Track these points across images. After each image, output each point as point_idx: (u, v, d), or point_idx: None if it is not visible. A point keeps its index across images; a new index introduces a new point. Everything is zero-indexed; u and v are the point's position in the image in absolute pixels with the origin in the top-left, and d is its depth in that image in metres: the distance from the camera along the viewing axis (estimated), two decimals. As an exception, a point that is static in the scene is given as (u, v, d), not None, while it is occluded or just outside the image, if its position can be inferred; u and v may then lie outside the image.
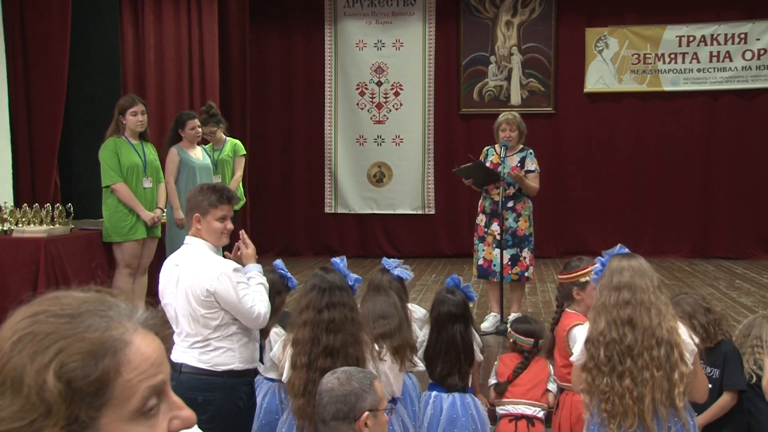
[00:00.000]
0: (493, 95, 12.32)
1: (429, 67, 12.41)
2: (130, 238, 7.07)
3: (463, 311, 4.73)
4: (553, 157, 11.96)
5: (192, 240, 4.06)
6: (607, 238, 11.35)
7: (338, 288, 3.94)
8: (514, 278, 7.37)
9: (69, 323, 1.19)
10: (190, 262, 3.97)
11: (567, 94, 12.20)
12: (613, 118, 12.12)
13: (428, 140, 12.44)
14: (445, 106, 12.46)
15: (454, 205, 12.35)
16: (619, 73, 12.06)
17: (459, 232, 12.26)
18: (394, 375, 4.18)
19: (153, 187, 7.24)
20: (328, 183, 12.66)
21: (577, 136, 12.21)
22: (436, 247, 12.49)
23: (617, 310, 3.50)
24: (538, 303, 8.61)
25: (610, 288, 3.54)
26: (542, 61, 12.20)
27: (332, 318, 3.84)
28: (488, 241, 7.40)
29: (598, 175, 12.21)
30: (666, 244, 12.05)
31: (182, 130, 7.75)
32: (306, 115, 12.67)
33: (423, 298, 8.89)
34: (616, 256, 3.67)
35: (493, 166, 7.34)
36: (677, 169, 12.05)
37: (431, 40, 12.39)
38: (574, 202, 12.25)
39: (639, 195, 12.15)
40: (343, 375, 3.08)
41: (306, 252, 12.55)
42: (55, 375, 1.15)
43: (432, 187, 12.47)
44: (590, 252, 11.07)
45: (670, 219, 12.08)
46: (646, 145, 12.10)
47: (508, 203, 7.30)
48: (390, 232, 12.64)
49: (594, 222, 12.19)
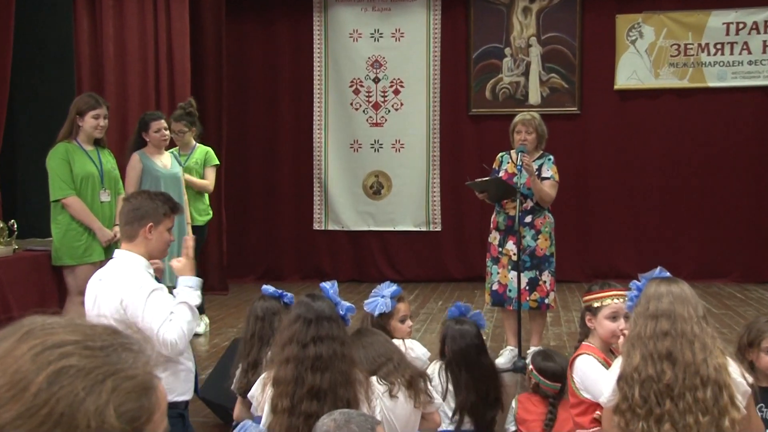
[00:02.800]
0: (508, 93, 12.30)
1: (434, 60, 12.40)
2: (85, 260, 7.01)
3: (472, 340, 4.89)
4: (578, 165, 11.94)
5: (124, 254, 4.34)
6: (642, 259, 11.28)
7: (326, 318, 3.89)
8: (533, 306, 7.35)
9: (107, 357, 1.30)
10: (111, 278, 4.26)
11: (594, 92, 12.18)
12: (648, 120, 12.10)
13: (433, 145, 12.42)
14: (453, 106, 12.45)
15: (464, 220, 12.32)
16: (655, 66, 12.04)
17: (469, 252, 12.22)
18: (408, 414, 4.13)
19: (111, 200, 7.20)
20: (317, 195, 12.63)
21: (606, 140, 12.18)
22: (442, 270, 12.46)
23: (654, 342, 3.49)
24: (562, 335, 8.55)
25: (646, 316, 3.54)
26: (565, 54, 12.18)
27: (319, 354, 3.79)
28: (503, 262, 7.39)
29: (631, 185, 12.17)
30: (712, 266, 11.99)
31: (146, 133, 7.74)
32: (292, 117, 12.67)
33: (428, 329, 8.83)
34: (654, 280, 3.67)
35: (508, 176, 7.32)
36: (725, 179, 12.02)
37: (436, 30, 12.39)
38: (603, 217, 12.21)
39: (680, 209, 12.11)
40: (341, 417, 3.02)
41: (292, 275, 12.51)
42: (116, 413, 1.25)
43: (438, 199, 12.44)
44: (622, 275, 11.03)
45: (717, 237, 12.04)
46: (687, 151, 12.07)
47: (525, 218, 7.30)
48: (389, 252, 12.61)
49: (626, 240, 12.15)
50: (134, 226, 4.37)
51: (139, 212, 4.37)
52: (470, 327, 4.90)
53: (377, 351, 4.23)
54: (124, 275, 4.28)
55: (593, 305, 4.61)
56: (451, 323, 4.93)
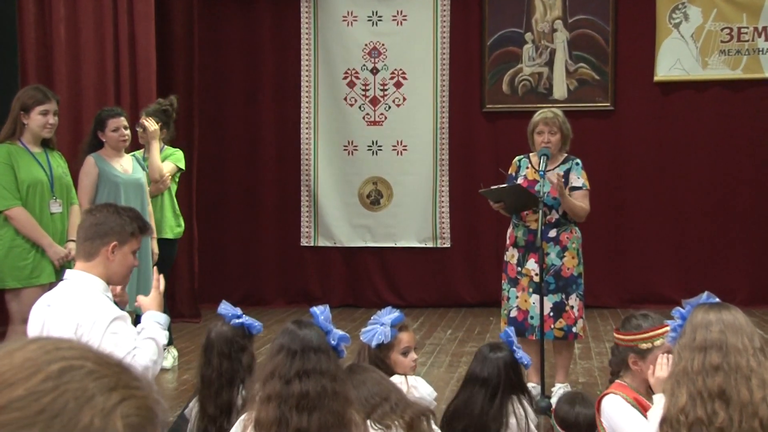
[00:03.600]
0: (529, 86, 12.31)
1: (442, 48, 12.42)
2: (33, 283, 6.99)
3: (492, 375, 4.90)
4: (611, 171, 11.97)
5: (78, 275, 4.33)
6: (686, 281, 11.29)
7: (314, 350, 3.88)
8: (559, 335, 7.35)
9: (120, 372, 1.38)
10: (63, 303, 4.23)
11: (630, 85, 12.20)
12: (694, 117, 12.12)
13: (441, 148, 12.44)
14: (464, 102, 12.48)
15: (477, 235, 12.35)
16: (702, 54, 12.04)
17: (483, 272, 12.24)
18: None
19: (63, 211, 7.20)
20: (305, 206, 12.64)
21: (644, 141, 12.19)
22: (451, 293, 12.48)
23: (704, 378, 3.48)
24: (593, 369, 8.54)
25: (692, 348, 3.54)
26: (597, 40, 12.20)
27: (305, 391, 3.77)
28: (522, 284, 7.38)
29: (674, 195, 12.18)
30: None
31: (102, 133, 7.73)
32: (276, 115, 12.70)
33: (435, 362, 8.83)
34: (701, 306, 3.67)
35: (528, 184, 7.31)
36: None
37: (445, 12, 12.43)
38: (640, 231, 12.22)
39: (731, 223, 12.12)
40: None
41: (276, 300, 12.53)
42: (122, 420, 1.31)
43: (446, 211, 12.46)
44: (664, 300, 11.05)
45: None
46: (740, 155, 12.07)
47: (549, 232, 7.29)
48: (390, 272, 12.63)
49: (668, 260, 12.15)
50: (95, 243, 4.35)
51: (102, 228, 4.36)
52: (502, 354, 4.92)
53: (370, 390, 4.22)
54: (79, 300, 4.25)
55: (640, 346, 4.51)
56: (484, 346, 4.97)
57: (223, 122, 12.64)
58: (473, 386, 4.88)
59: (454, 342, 9.94)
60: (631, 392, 4.44)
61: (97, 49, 10.16)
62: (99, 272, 4.38)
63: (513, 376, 4.93)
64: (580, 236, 7.47)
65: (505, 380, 4.92)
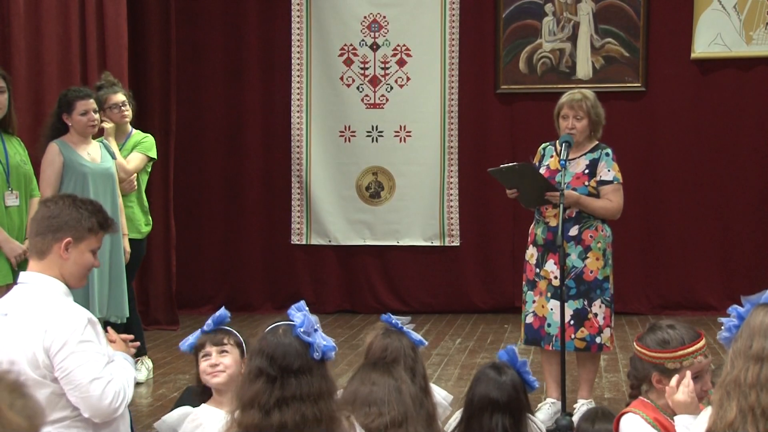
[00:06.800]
0: (549, 65, 12.33)
1: (451, 21, 12.44)
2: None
3: (511, 399, 4.78)
4: (643, 160, 11.99)
5: (35, 278, 4.27)
6: (730, 286, 11.31)
7: (294, 372, 3.85)
8: (580, 346, 7.33)
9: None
10: (25, 311, 4.16)
11: (665, 62, 12.20)
12: (737, 99, 12.12)
13: (450, 134, 12.46)
14: (477, 82, 12.50)
15: (490, 232, 12.37)
16: (747, 28, 12.04)
17: (497, 274, 12.29)
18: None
19: (21, 204, 7.22)
20: (296, 199, 12.67)
21: (681, 126, 12.20)
22: (461, 297, 12.50)
23: (758, 393, 3.41)
24: (620, 384, 8.56)
25: (748, 357, 3.46)
26: (626, 12, 12.20)
27: (283, 423, 3.78)
28: (540, 287, 7.39)
29: (715, 186, 12.18)
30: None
31: (68, 116, 7.72)
32: (263, 96, 12.72)
33: (442, 374, 8.87)
34: (764, 306, 3.55)
35: (549, 174, 7.30)
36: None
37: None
38: (677, 228, 12.23)
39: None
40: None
41: (263, 305, 12.55)
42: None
43: (455, 205, 12.48)
44: (702, 307, 11.10)
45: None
46: (788, 140, 12.06)
47: (569, 230, 7.28)
48: (391, 274, 12.66)
49: (707, 259, 12.16)
50: (47, 239, 4.28)
51: (55, 221, 4.28)
52: (505, 377, 4.83)
53: (369, 395, 4.28)
54: (43, 305, 4.20)
55: (666, 365, 4.45)
56: (485, 366, 4.91)
57: (202, 105, 12.64)
58: (489, 412, 4.76)
59: (464, 352, 9.95)
60: (654, 411, 4.39)
61: (60, 21, 10.14)
62: (53, 273, 4.32)
63: (523, 397, 4.91)
64: (608, 235, 7.43)
65: (525, 402, 4.90)
